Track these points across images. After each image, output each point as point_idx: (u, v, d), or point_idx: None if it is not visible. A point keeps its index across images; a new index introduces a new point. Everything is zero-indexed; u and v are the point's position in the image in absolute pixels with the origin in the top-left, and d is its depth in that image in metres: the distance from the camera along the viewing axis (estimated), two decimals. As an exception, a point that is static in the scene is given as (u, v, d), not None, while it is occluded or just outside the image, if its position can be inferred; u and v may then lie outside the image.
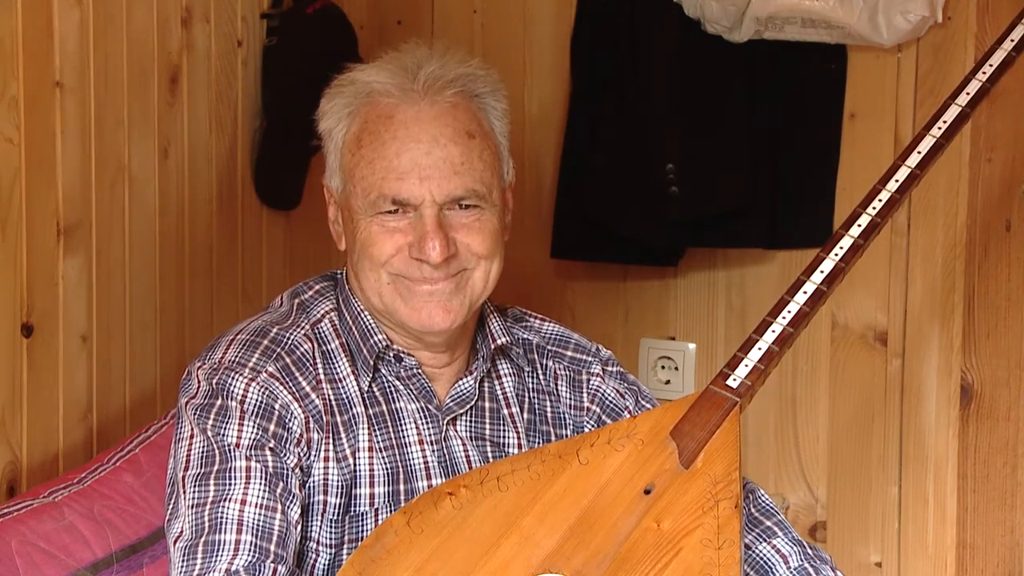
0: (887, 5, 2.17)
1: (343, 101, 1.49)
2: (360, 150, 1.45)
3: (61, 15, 1.65)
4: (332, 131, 1.50)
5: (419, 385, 1.50)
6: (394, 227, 1.44)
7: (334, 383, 1.47)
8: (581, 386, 1.62)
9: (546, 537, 1.26)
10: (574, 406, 1.60)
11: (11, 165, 1.56)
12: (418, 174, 1.42)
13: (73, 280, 1.69)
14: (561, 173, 2.44)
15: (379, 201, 1.43)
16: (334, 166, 1.50)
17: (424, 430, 1.49)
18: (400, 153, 1.42)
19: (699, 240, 2.36)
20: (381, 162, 1.43)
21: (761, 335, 1.38)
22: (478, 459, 1.51)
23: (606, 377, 1.63)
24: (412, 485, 1.47)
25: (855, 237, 1.45)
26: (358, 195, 1.45)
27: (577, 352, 1.64)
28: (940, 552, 2.31)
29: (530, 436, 1.56)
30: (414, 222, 1.43)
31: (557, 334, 1.65)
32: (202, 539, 1.34)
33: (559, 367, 1.61)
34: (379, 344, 1.49)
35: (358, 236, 1.46)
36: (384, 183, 1.42)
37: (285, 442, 1.41)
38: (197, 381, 1.45)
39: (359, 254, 1.47)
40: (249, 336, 1.47)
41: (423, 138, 1.42)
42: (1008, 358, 2.25)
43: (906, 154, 1.51)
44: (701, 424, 1.31)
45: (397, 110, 1.44)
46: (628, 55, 2.30)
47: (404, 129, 1.43)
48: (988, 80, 1.56)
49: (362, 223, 1.46)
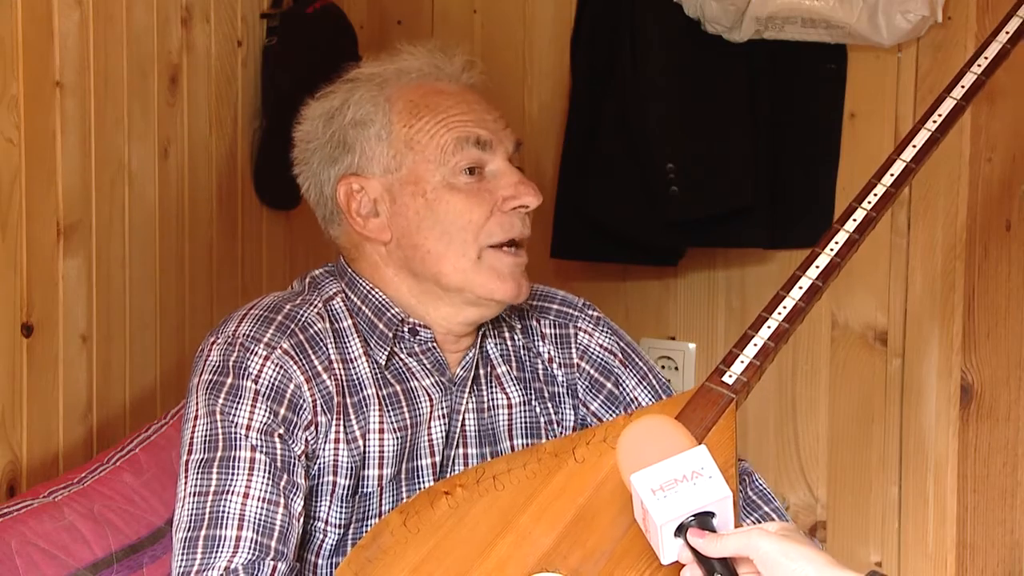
0: (887, 5, 2.17)
1: (372, 92, 1.52)
2: (420, 119, 1.49)
3: (61, 15, 1.65)
4: (367, 118, 1.50)
5: (433, 358, 1.51)
6: (480, 187, 1.48)
7: (346, 363, 1.48)
8: (569, 341, 1.63)
9: (542, 536, 1.26)
10: (564, 363, 1.61)
11: (11, 165, 1.56)
12: (489, 126, 1.50)
13: (73, 280, 1.69)
14: (561, 173, 2.44)
15: (460, 146, 1.47)
16: (376, 150, 1.50)
17: (437, 405, 1.50)
18: (466, 112, 1.50)
19: (699, 240, 2.36)
20: (451, 118, 1.49)
21: (757, 331, 1.38)
22: (477, 431, 1.52)
23: (594, 334, 1.63)
24: (415, 463, 1.48)
25: (850, 232, 1.45)
26: (429, 155, 1.48)
27: (563, 306, 1.65)
28: (940, 552, 2.31)
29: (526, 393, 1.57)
30: (494, 180, 1.49)
31: (541, 293, 1.66)
32: (202, 532, 1.34)
33: (544, 324, 1.63)
34: (396, 317, 1.49)
35: (441, 209, 1.47)
36: (463, 128, 1.49)
37: (294, 427, 1.42)
38: (209, 354, 1.45)
39: (444, 227, 1.47)
40: (263, 311, 1.47)
41: (480, 102, 1.53)
42: (1008, 358, 2.24)
43: (901, 148, 1.50)
44: (697, 421, 1.31)
45: (441, 85, 1.53)
46: (628, 55, 2.30)
47: (460, 95, 1.52)
48: (983, 73, 1.56)
49: (443, 193, 1.47)
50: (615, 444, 1.22)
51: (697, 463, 1.15)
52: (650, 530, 1.17)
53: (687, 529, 1.14)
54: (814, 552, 1.09)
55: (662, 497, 1.14)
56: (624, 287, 2.50)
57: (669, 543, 1.15)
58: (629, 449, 1.19)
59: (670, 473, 1.15)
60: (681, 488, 1.14)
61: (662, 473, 1.15)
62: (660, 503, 1.14)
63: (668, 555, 1.16)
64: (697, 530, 1.13)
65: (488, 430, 1.54)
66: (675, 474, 1.15)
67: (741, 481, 1.54)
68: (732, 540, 1.12)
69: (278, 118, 2.16)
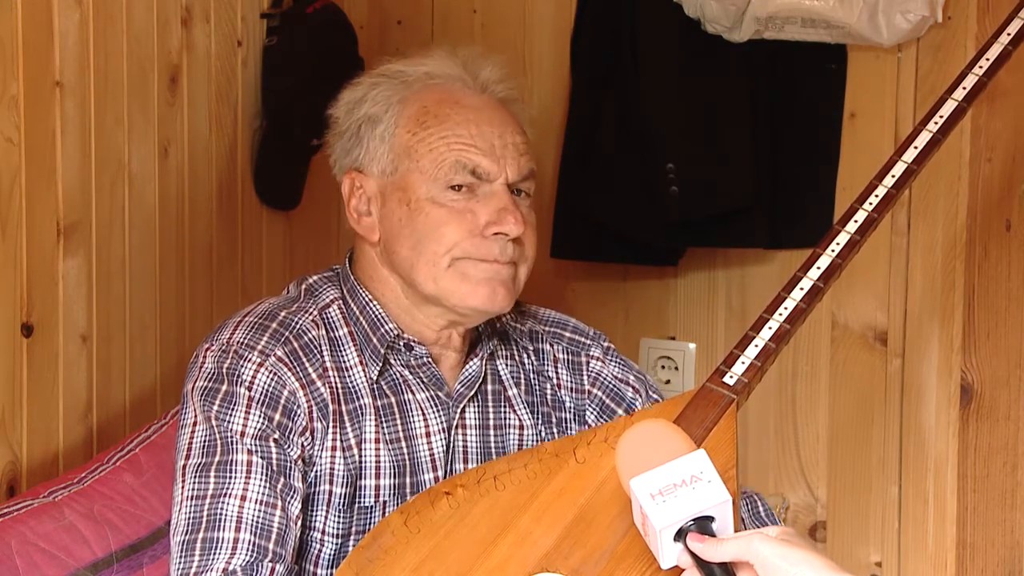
0: (887, 5, 2.17)
1: (390, 92, 1.51)
2: (425, 128, 1.47)
3: (61, 15, 1.65)
4: (378, 117, 1.50)
5: (429, 373, 1.51)
6: (464, 207, 1.46)
7: (341, 371, 1.48)
8: (581, 368, 1.62)
9: (543, 536, 1.26)
10: (574, 389, 1.61)
11: (11, 165, 1.56)
12: (494, 153, 1.47)
13: (73, 280, 1.69)
14: (561, 173, 2.44)
15: (455, 168, 1.45)
16: (379, 150, 1.50)
17: (433, 420, 1.50)
18: (475, 134, 1.47)
19: (699, 240, 2.36)
20: (456, 138, 1.46)
21: (758, 332, 1.38)
22: (481, 447, 1.52)
23: (607, 362, 1.63)
24: (418, 478, 1.48)
25: (851, 233, 1.45)
26: (423, 168, 1.46)
27: (576, 334, 1.65)
28: (940, 552, 2.31)
29: (534, 417, 1.57)
30: (483, 200, 1.46)
31: (554, 318, 1.66)
32: (200, 535, 1.34)
33: (557, 349, 1.62)
34: (390, 333, 1.49)
35: (419, 221, 1.46)
36: (463, 154, 1.46)
37: (289, 432, 1.41)
38: (203, 362, 1.45)
39: (418, 238, 1.46)
40: (257, 319, 1.47)
41: (495, 122, 1.49)
42: (1008, 358, 2.24)
43: (902, 149, 1.50)
44: (698, 422, 1.31)
45: (461, 95, 1.50)
46: (628, 55, 2.30)
47: (475, 112, 1.48)
48: (985, 75, 1.56)
49: (425, 205, 1.46)
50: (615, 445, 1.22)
51: (696, 467, 1.15)
52: (649, 535, 1.17)
53: (686, 534, 1.14)
54: (814, 556, 1.09)
55: (661, 502, 1.13)
56: (624, 287, 2.50)
57: (669, 548, 1.15)
58: (628, 453, 1.19)
59: (668, 478, 1.15)
60: (680, 493, 1.14)
61: (660, 478, 1.15)
62: (659, 508, 1.13)
63: (668, 560, 1.16)
64: (696, 535, 1.13)
65: (498, 449, 1.54)
66: (674, 479, 1.14)
67: (744, 505, 1.54)
68: (732, 544, 1.11)
69: (278, 118, 2.16)
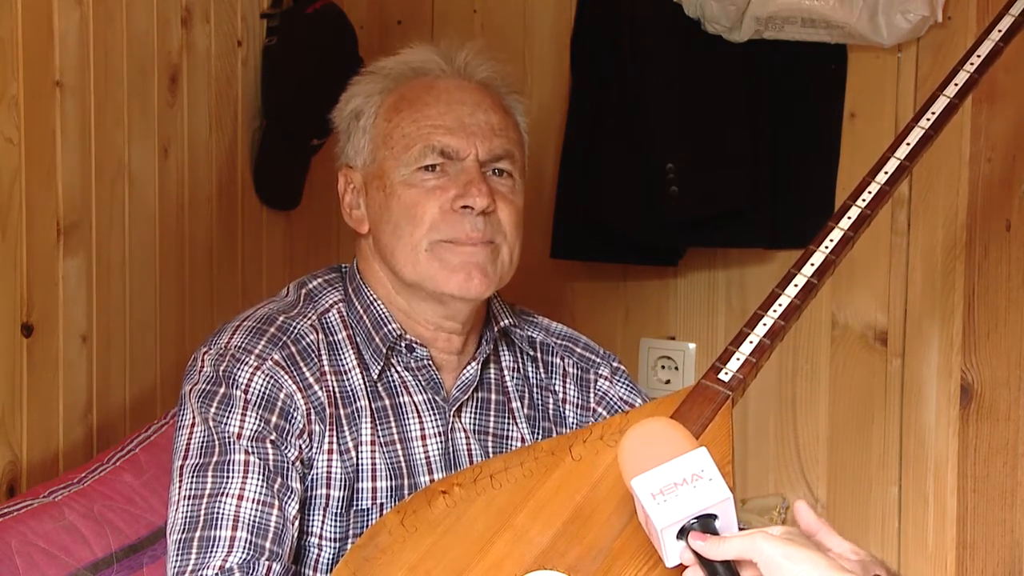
0: (887, 5, 2.17)
1: (374, 84, 1.53)
2: (399, 114, 1.49)
3: (61, 15, 1.65)
4: (361, 110, 1.52)
5: (428, 376, 1.51)
6: (434, 185, 1.46)
7: (339, 375, 1.48)
8: (588, 385, 1.62)
9: (540, 534, 1.26)
10: (580, 405, 1.61)
11: (11, 165, 1.57)
12: (464, 130, 1.47)
13: (73, 280, 1.69)
14: (561, 173, 2.44)
15: (424, 152, 1.46)
16: (361, 142, 1.51)
17: (429, 423, 1.50)
18: (444, 113, 1.47)
19: (699, 240, 2.36)
20: (425, 120, 1.47)
21: (752, 328, 1.38)
22: (480, 453, 1.52)
23: (615, 382, 1.63)
24: (415, 480, 1.48)
25: (845, 229, 1.45)
26: (396, 153, 1.47)
27: (587, 351, 1.65)
28: (940, 552, 2.31)
29: (533, 432, 1.57)
30: (454, 177, 1.46)
31: (566, 333, 1.66)
32: (197, 534, 1.34)
33: (568, 363, 1.62)
34: (392, 333, 1.49)
35: (394, 204, 1.47)
36: (431, 135, 1.46)
37: (287, 434, 1.42)
38: (202, 366, 1.46)
39: (396, 223, 1.47)
40: (255, 323, 1.48)
41: (467, 101, 1.49)
42: (1008, 358, 2.24)
43: (895, 146, 1.51)
44: (693, 418, 1.31)
45: (438, 82, 1.51)
46: (628, 55, 2.30)
47: (447, 94, 1.49)
48: (976, 71, 1.57)
49: (399, 189, 1.47)
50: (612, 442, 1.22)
51: (697, 465, 1.15)
52: (653, 534, 1.17)
53: (689, 532, 1.14)
54: (818, 555, 1.09)
55: (662, 501, 1.13)
56: (624, 287, 2.50)
57: (672, 546, 1.15)
58: (630, 453, 1.19)
59: (670, 477, 1.15)
60: (681, 492, 1.14)
61: (662, 477, 1.15)
62: (660, 507, 1.13)
63: (671, 558, 1.16)
64: (699, 533, 1.13)
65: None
66: (675, 477, 1.14)
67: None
68: (735, 543, 1.11)
69: (278, 118, 2.16)
